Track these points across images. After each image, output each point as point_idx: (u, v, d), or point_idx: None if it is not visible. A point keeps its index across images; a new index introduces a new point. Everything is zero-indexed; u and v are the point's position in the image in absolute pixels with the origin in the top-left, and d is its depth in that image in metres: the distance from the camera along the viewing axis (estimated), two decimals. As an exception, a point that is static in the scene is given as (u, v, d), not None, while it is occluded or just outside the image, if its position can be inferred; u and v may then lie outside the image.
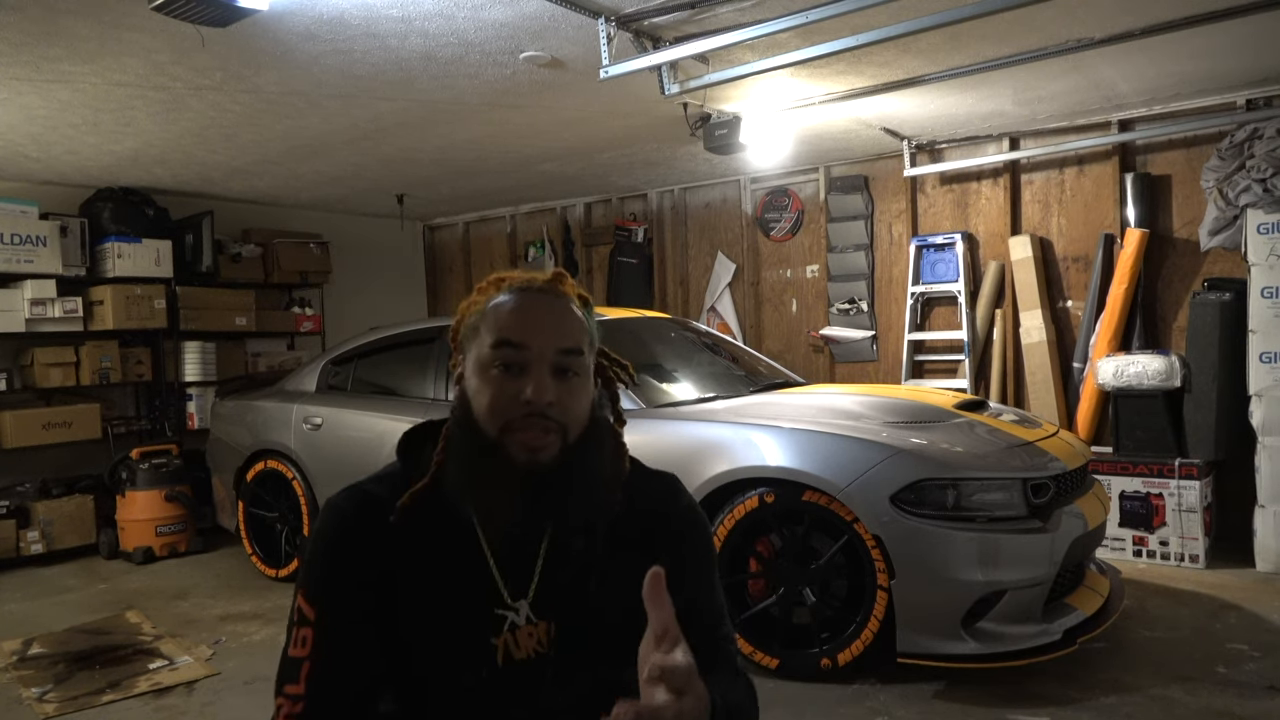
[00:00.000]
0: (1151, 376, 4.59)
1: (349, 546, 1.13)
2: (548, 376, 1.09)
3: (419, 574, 1.13)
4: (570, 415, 1.11)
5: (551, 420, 1.09)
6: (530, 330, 1.11)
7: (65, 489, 5.67)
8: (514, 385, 1.09)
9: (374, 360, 4.84)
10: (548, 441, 1.09)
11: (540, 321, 1.12)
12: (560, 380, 1.10)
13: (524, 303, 1.13)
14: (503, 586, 1.13)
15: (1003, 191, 5.51)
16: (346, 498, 1.18)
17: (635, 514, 1.20)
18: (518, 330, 1.11)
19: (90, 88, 3.89)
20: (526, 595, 1.14)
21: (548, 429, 1.09)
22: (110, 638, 4.03)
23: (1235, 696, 2.96)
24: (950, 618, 2.96)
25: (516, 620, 1.13)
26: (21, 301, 5.39)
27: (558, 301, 1.15)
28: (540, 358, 1.10)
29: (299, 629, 1.12)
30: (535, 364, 1.10)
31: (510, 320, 1.12)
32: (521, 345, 1.10)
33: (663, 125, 4.85)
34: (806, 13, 3.09)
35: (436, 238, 8.38)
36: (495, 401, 1.10)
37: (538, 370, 1.09)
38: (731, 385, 4.15)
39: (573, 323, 1.14)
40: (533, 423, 1.08)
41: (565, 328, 1.13)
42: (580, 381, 1.13)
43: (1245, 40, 3.82)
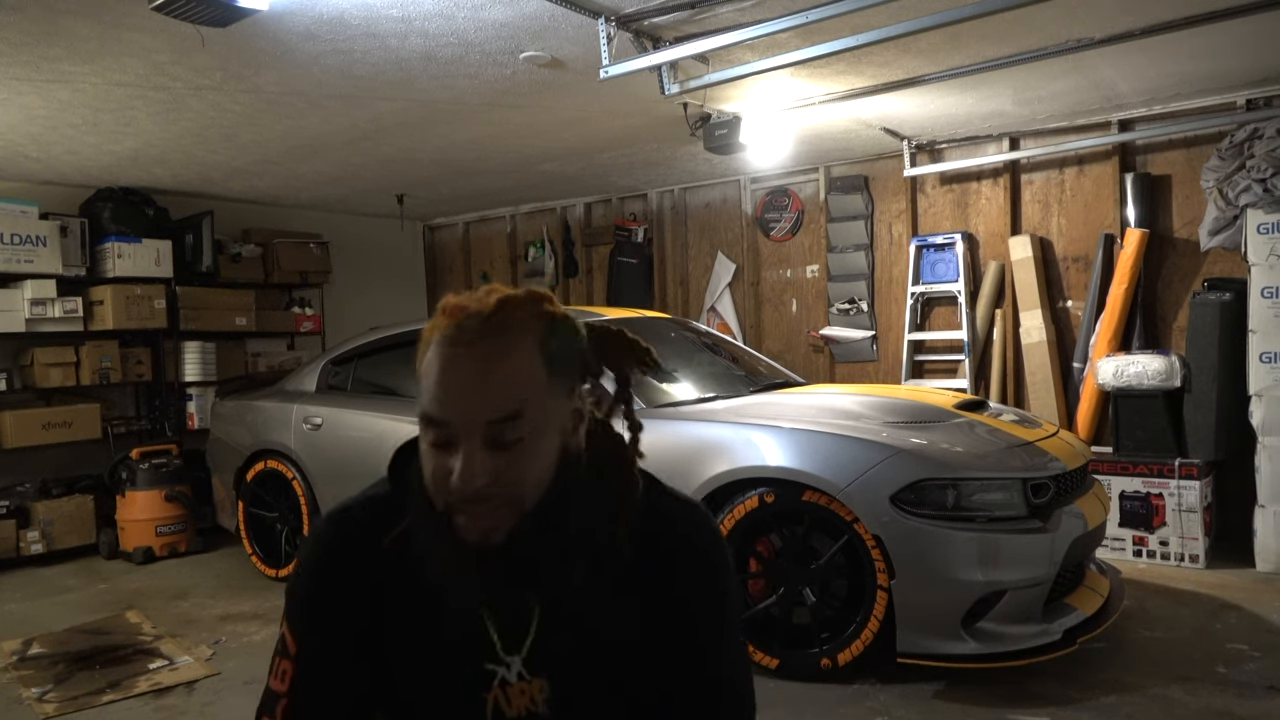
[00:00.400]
0: (1151, 376, 4.59)
1: (334, 582, 1.06)
2: (479, 452, 0.94)
3: (407, 617, 1.05)
4: (520, 487, 0.96)
5: (495, 499, 0.95)
6: (450, 402, 0.94)
7: (65, 489, 5.67)
8: (446, 463, 0.95)
9: (374, 360, 4.84)
10: (496, 520, 0.96)
11: (463, 389, 0.94)
12: (499, 450, 0.95)
13: (445, 363, 0.95)
14: (496, 639, 1.04)
15: (1003, 191, 5.51)
16: (333, 527, 1.09)
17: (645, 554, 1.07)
18: (437, 404, 0.95)
19: (90, 88, 3.89)
20: (520, 650, 1.04)
21: (493, 508, 0.96)
22: (110, 638, 4.03)
23: (1235, 696, 2.96)
24: (950, 618, 2.96)
25: (508, 676, 1.04)
26: (21, 301, 5.39)
27: (489, 353, 0.95)
28: (467, 434, 0.94)
29: (281, 660, 1.07)
30: (463, 439, 0.94)
31: (432, 392, 0.95)
32: (442, 423, 0.95)
33: (663, 125, 4.85)
34: (806, 13, 3.09)
35: (436, 238, 8.38)
36: (431, 481, 0.97)
37: (467, 447, 0.94)
38: (731, 385, 4.15)
39: (507, 379, 0.95)
40: (472, 506, 0.95)
41: (495, 392, 0.94)
42: (528, 445, 0.96)
43: (1245, 40, 3.82)
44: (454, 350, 0.95)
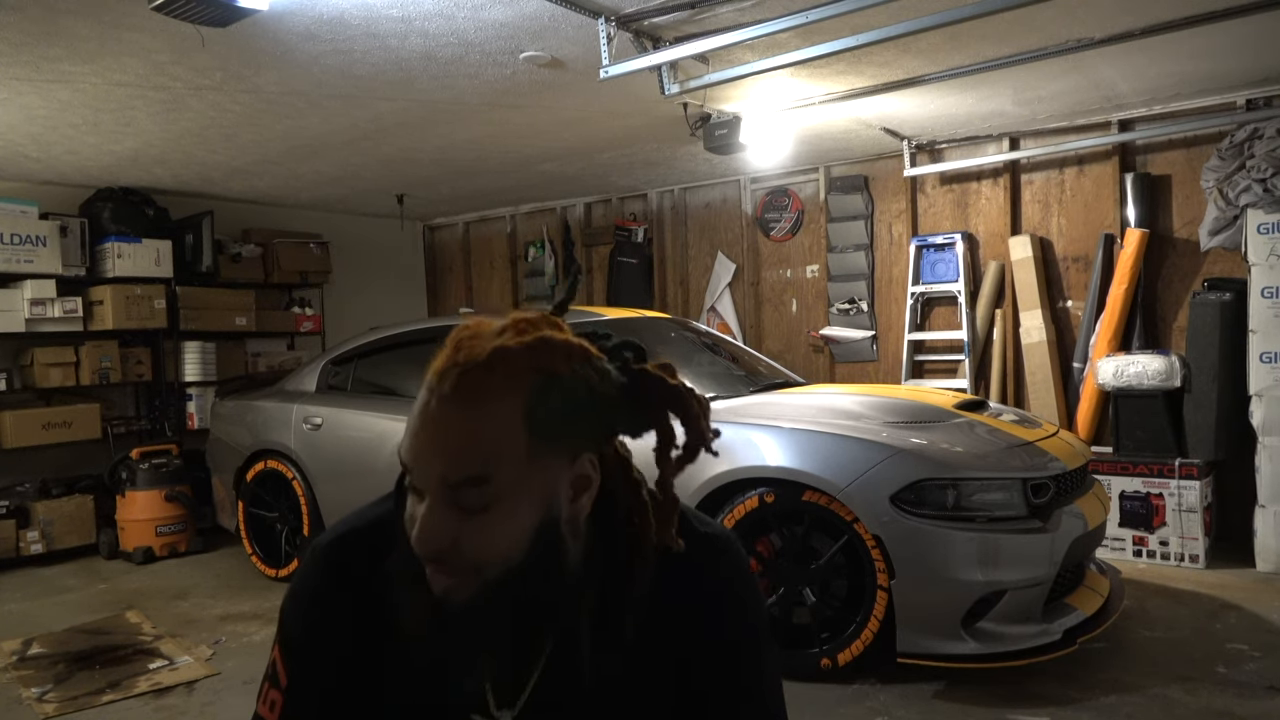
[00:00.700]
0: (1151, 376, 4.59)
1: (330, 612, 1.00)
2: (440, 510, 0.86)
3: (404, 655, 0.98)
4: (479, 558, 0.87)
5: (449, 564, 0.88)
6: (417, 454, 0.88)
7: (65, 489, 5.67)
8: (415, 511, 0.90)
9: (374, 360, 4.84)
10: (455, 584, 0.88)
11: (429, 441, 0.87)
12: (463, 517, 0.86)
13: (421, 408, 0.88)
14: (490, 693, 0.96)
15: (1003, 191, 5.51)
16: (330, 551, 1.02)
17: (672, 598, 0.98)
18: (407, 452, 0.89)
19: (90, 88, 3.89)
20: (513, 707, 0.96)
21: (450, 572, 0.88)
22: (110, 638, 4.03)
23: (1235, 696, 2.96)
24: (950, 618, 2.96)
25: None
26: (21, 301, 5.39)
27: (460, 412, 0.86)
28: (429, 489, 0.88)
29: (271, 688, 1.02)
30: (429, 496, 0.88)
31: (406, 436, 0.90)
32: (410, 471, 0.90)
33: (663, 125, 4.85)
34: (806, 13, 3.09)
35: (436, 238, 8.38)
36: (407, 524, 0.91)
37: (428, 505, 0.87)
38: (731, 385, 4.15)
39: (475, 442, 0.86)
40: (433, 565, 0.88)
41: (456, 453, 0.86)
42: (495, 516, 0.87)
43: (1245, 40, 3.82)
44: (430, 396, 0.88)
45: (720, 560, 1.03)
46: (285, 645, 1.03)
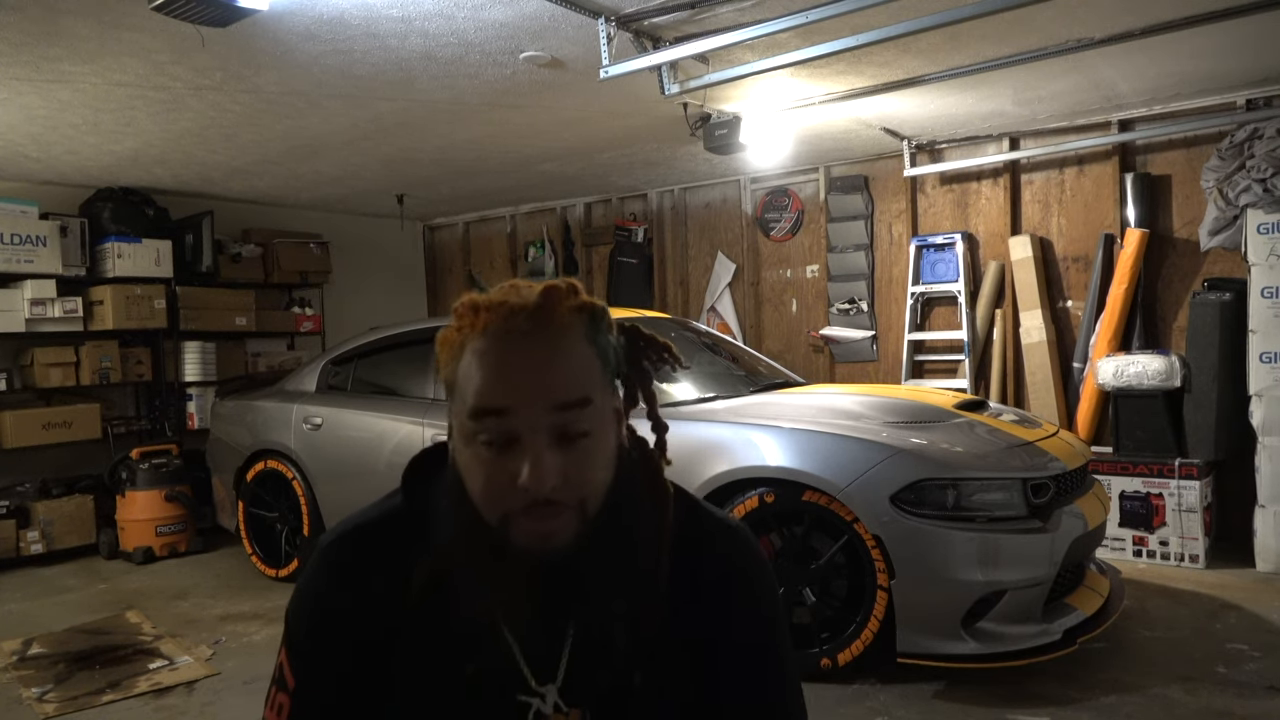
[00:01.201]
0: (1151, 376, 4.59)
1: (340, 612, 0.97)
2: (546, 450, 0.86)
3: (424, 648, 0.96)
4: (587, 489, 0.89)
5: (561, 504, 0.87)
6: (513, 391, 0.86)
7: (65, 489, 5.67)
8: (507, 466, 0.86)
9: (374, 360, 4.84)
10: (560, 525, 0.88)
11: (525, 375, 0.87)
12: (566, 447, 0.87)
13: (502, 353, 0.88)
14: (526, 669, 0.95)
15: (1003, 191, 5.51)
16: (340, 548, 1.00)
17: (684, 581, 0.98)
18: (498, 393, 0.86)
19: (90, 88, 3.89)
20: (555, 679, 0.95)
21: (558, 512, 0.87)
22: (110, 638, 4.03)
23: (1235, 696, 2.96)
24: (950, 618, 2.96)
25: (543, 708, 0.94)
26: (21, 301, 5.39)
27: (548, 341, 0.88)
28: (532, 426, 0.86)
29: (278, 692, 0.99)
30: (527, 435, 0.86)
31: (488, 381, 0.87)
32: (504, 411, 0.86)
33: (663, 125, 4.85)
34: (806, 13, 3.09)
35: (436, 238, 8.38)
36: (488, 489, 0.88)
37: (532, 443, 0.86)
38: (731, 385, 4.15)
39: (571, 364, 0.89)
40: (537, 510, 0.87)
41: (560, 376, 0.88)
42: (594, 441, 0.89)
43: (1245, 40, 3.82)
44: (508, 339, 0.88)
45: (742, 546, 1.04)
46: (291, 647, 1.00)
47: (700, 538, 1.01)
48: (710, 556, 1.01)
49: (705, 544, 1.01)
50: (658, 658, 0.97)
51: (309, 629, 0.99)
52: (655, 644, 0.96)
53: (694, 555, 0.99)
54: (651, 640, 0.96)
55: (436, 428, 4.15)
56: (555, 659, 0.95)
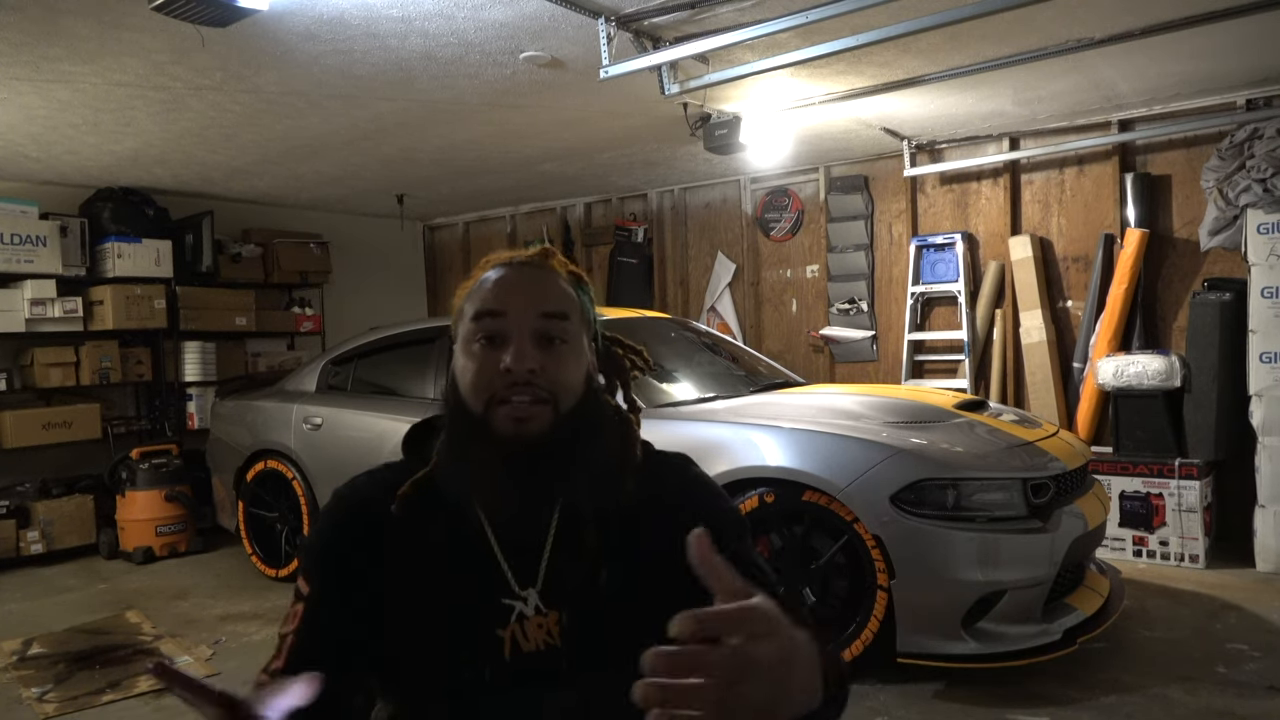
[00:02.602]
0: (1151, 376, 4.59)
1: (349, 529, 1.13)
2: (529, 343, 1.05)
3: (420, 563, 1.09)
4: (559, 384, 1.06)
5: (538, 388, 1.04)
6: (508, 297, 1.08)
7: (65, 489, 5.67)
8: (495, 356, 1.05)
9: (374, 360, 4.84)
10: (535, 412, 1.04)
11: (520, 285, 1.10)
12: (545, 348, 1.06)
13: (505, 274, 1.11)
14: (510, 575, 1.08)
15: (1003, 191, 5.51)
16: (350, 487, 1.18)
17: (648, 500, 1.13)
18: (496, 299, 1.08)
19: (90, 88, 3.89)
20: (535, 584, 1.08)
21: (535, 398, 1.04)
22: (110, 638, 4.03)
23: (1235, 696, 2.96)
24: (950, 618, 2.96)
25: (525, 610, 1.07)
26: (21, 301, 5.39)
27: (540, 272, 1.13)
28: (520, 325, 1.06)
29: (294, 605, 1.12)
30: (516, 332, 1.06)
31: (490, 291, 1.09)
32: (499, 313, 1.07)
33: (663, 125, 4.85)
34: (806, 13, 3.09)
35: (436, 238, 8.38)
36: (478, 375, 1.06)
37: (519, 338, 1.05)
38: (731, 385, 4.15)
39: (555, 289, 1.11)
40: (518, 392, 1.03)
41: (546, 293, 1.10)
42: (568, 349, 1.08)
43: (1245, 40, 3.82)
44: (510, 266, 1.12)
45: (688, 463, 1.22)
46: (306, 567, 1.14)
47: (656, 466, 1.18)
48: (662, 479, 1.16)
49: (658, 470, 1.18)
50: (627, 563, 1.08)
51: (321, 549, 1.14)
52: (623, 550, 1.09)
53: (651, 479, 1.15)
54: (619, 545, 1.09)
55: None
56: (535, 565, 1.09)
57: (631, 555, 1.09)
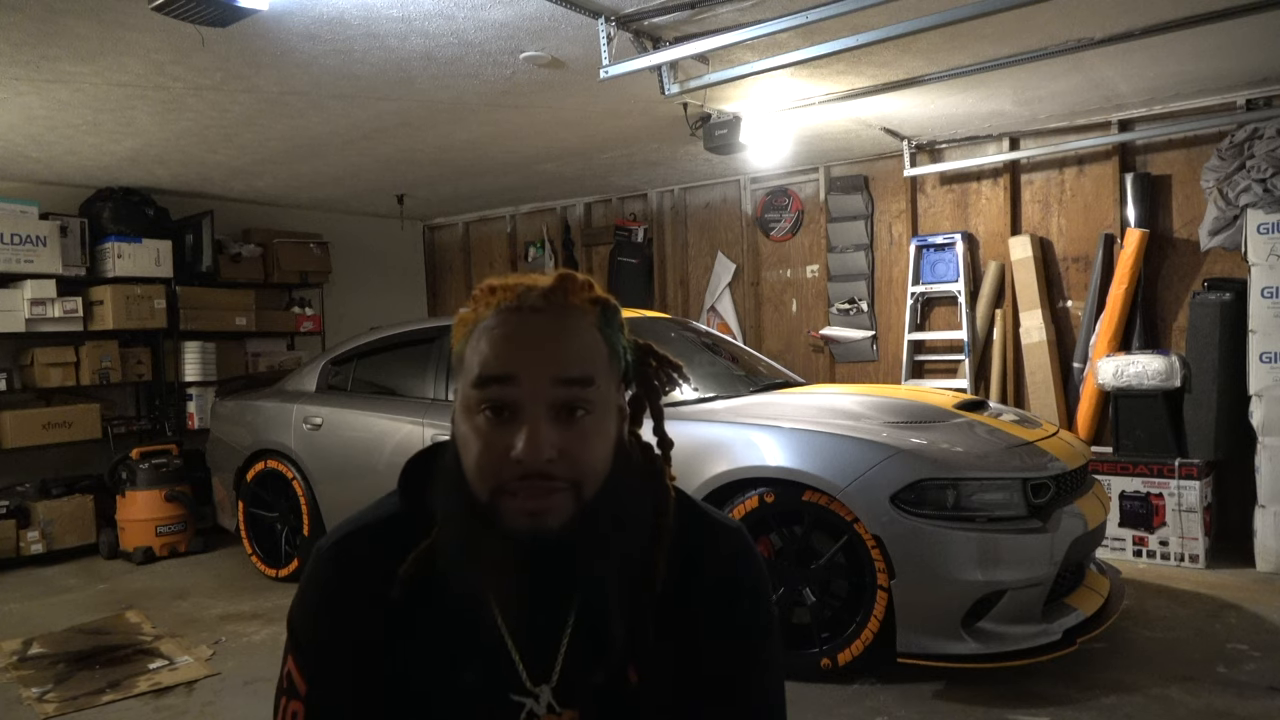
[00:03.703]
0: (1151, 376, 4.59)
1: (342, 614, 0.98)
2: (545, 422, 0.87)
3: (422, 647, 0.96)
4: (582, 468, 0.88)
5: (557, 478, 0.87)
6: (519, 359, 0.88)
7: (65, 489, 5.67)
8: (504, 436, 0.87)
9: (374, 360, 4.84)
10: (553, 504, 0.87)
11: (532, 346, 0.89)
12: (565, 423, 0.88)
13: (512, 326, 0.90)
14: (521, 668, 0.94)
15: (1003, 191, 5.51)
16: (338, 553, 1.00)
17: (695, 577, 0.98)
18: (503, 361, 0.88)
19: (90, 88, 3.89)
20: (549, 679, 0.94)
21: (552, 489, 0.87)
22: (110, 638, 4.03)
23: (1235, 696, 2.96)
24: (950, 618, 2.96)
25: (536, 709, 0.94)
26: (21, 301, 5.39)
27: (558, 318, 0.91)
28: (534, 396, 0.87)
29: (289, 700, 0.99)
30: (528, 406, 0.87)
31: (494, 350, 0.89)
32: (507, 379, 0.87)
33: (663, 125, 4.85)
34: (806, 13, 3.09)
35: (436, 238, 8.38)
36: (483, 458, 0.88)
37: (532, 415, 0.87)
38: (731, 385, 4.15)
39: (578, 344, 0.90)
40: (532, 485, 0.86)
41: (566, 351, 0.89)
42: (594, 421, 0.89)
43: (1245, 40, 3.82)
44: (519, 314, 0.90)
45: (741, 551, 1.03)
46: (298, 652, 1.00)
47: (700, 541, 1.00)
48: (709, 560, 1.00)
49: (705, 547, 1.00)
50: (653, 658, 0.96)
51: (313, 632, 0.99)
52: (650, 643, 0.95)
53: (693, 557, 0.99)
54: (647, 639, 0.95)
55: (437, 428, 4.15)
56: (551, 658, 0.94)
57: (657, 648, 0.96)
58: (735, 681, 1.00)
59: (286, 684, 1.00)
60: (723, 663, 0.99)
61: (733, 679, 1.00)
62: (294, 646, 1.01)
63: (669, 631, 0.97)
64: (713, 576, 0.99)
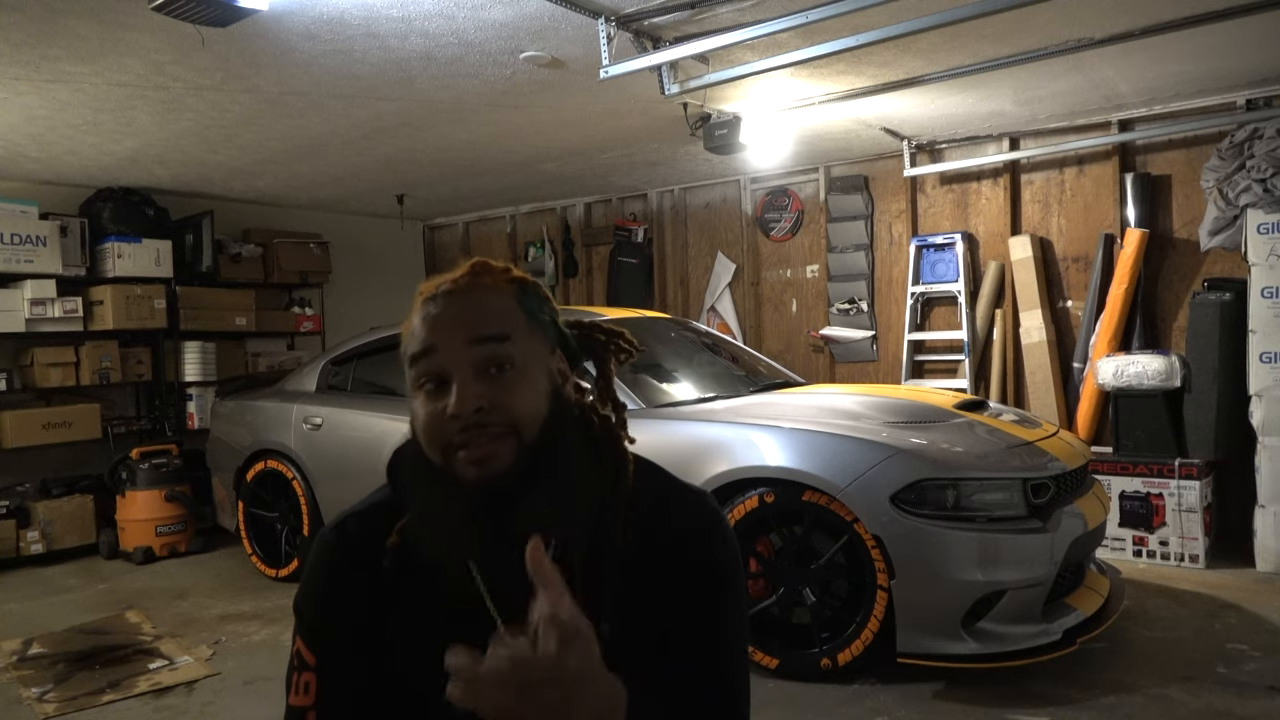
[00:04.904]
0: (1151, 376, 4.59)
1: (339, 587, 1.07)
2: (470, 380, 0.97)
3: (415, 612, 1.04)
4: (516, 412, 0.97)
5: (493, 425, 0.96)
6: (437, 331, 0.99)
7: (65, 489, 5.67)
8: (441, 401, 0.97)
9: (374, 360, 4.84)
10: (495, 449, 0.96)
11: (450, 318, 1.00)
12: (492, 380, 0.97)
13: (431, 308, 1.02)
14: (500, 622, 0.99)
15: (1003, 191, 5.51)
16: (335, 534, 1.10)
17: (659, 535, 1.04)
18: (424, 337, 0.99)
19: (90, 88, 3.89)
20: None
21: (492, 435, 0.96)
22: (110, 638, 4.03)
23: (1235, 696, 2.96)
24: (950, 618, 2.96)
25: None
26: (21, 301, 5.39)
27: (469, 294, 1.02)
28: (456, 360, 0.97)
29: (300, 674, 1.05)
30: (453, 369, 0.97)
31: (418, 330, 1.00)
32: (430, 350, 0.98)
33: (663, 125, 4.85)
34: (806, 13, 3.09)
35: (436, 238, 8.38)
36: (428, 424, 0.98)
37: (460, 376, 0.97)
38: (731, 385, 4.15)
39: (489, 309, 1.01)
40: (471, 435, 0.96)
41: (478, 315, 1.00)
42: (517, 374, 0.99)
43: (1245, 40, 3.82)
44: (436, 299, 1.01)
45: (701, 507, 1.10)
46: (306, 630, 1.07)
47: (666, 499, 1.09)
48: (674, 515, 1.07)
49: (671, 504, 1.09)
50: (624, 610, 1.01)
51: (321, 608, 1.07)
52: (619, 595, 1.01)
53: (659, 514, 1.06)
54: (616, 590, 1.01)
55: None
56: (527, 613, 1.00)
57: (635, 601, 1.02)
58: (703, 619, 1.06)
59: (297, 661, 1.06)
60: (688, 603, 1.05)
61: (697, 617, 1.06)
62: (301, 626, 1.08)
63: (638, 585, 1.03)
64: (678, 528, 1.06)
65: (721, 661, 1.07)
